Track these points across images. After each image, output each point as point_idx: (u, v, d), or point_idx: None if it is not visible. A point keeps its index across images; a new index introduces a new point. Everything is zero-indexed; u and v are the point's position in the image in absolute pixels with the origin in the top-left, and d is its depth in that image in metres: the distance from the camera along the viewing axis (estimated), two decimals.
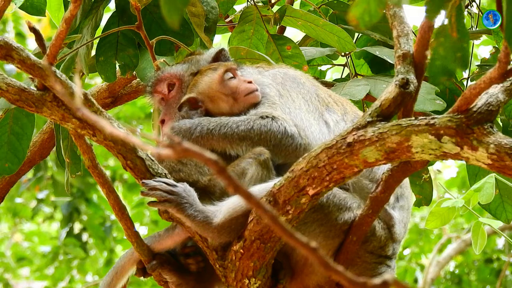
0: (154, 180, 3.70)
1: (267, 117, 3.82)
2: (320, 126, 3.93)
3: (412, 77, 3.41)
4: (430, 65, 2.97)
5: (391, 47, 4.85)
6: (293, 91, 4.03)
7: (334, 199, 3.73)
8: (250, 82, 4.01)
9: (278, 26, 5.13)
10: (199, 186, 3.80)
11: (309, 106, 3.99)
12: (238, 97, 3.98)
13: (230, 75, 4.06)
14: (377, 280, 1.94)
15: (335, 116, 4.00)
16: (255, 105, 3.96)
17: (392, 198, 3.88)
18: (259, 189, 3.61)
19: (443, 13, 2.78)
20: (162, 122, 4.15)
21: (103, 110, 3.69)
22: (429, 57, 3.00)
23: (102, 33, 4.68)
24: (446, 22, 2.87)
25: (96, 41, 4.73)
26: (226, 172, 1.91)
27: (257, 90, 3.99)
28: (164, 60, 4.45)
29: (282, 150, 3.78)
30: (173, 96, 4.20)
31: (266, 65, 4.36)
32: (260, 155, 3.74)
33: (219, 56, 4.28)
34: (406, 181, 4.05)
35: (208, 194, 3.79)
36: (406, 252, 12.74)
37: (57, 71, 3.58)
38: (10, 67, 8.80)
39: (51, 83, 3.55)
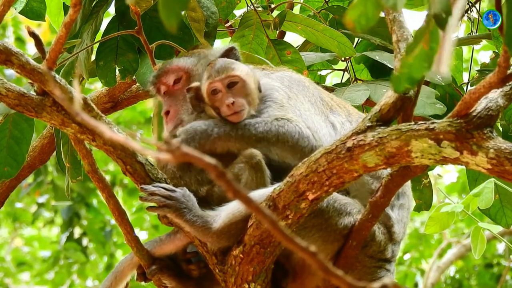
0: (153, 185, 3.70)
1: (282, 119, 3.81)
2: (328, 128, 3.93)
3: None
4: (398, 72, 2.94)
5: (391, 51, 4.85)
6: (300, 94, 4.03)
7: (334, 204, 3.72)
8: (233, 104, 3.83)
9: (278, 31, 5.13)
10: (199, 196, 3.80)
11: (316, 109, 3.99)
12: (222, 114, 3.89)
13: (213, 88, 3.91)
14: (376, 284, 1.94)
15: (340, 118, 4.00)
16: (264, 107, 3.91)
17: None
18: (259, 194, 3.60)
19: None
20: (167, 113, 4.10)
21: (102, 115, 3.69)
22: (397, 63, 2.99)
23: (102, 37, 4.68)
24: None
25: (96, 46, 4.73)
26: (225, 176, 1.91)
27: (240, 110, 3.84)
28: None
29: (298, 151, 3.76)
30: (179, 88, 4.15)
31: (269, 66, 4.35)
32: (252, 159, 3.72)
33: (229, 55, 4.21)
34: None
35: (207, 202, 3.79)
36: (406, 257, 12.74)
37: (57, 76, 3.58)
38: (10, 72, 8.82)
39: (50, 88, 3.55)
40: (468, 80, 5.22)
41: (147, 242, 3.95)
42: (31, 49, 11.37)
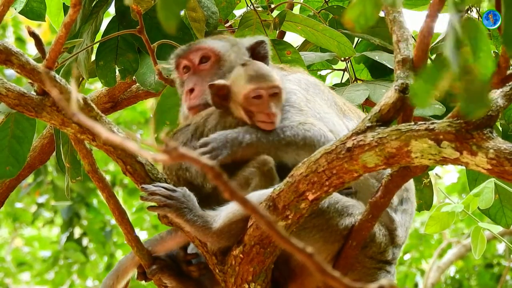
0: (153, 185, 3.70)
1: (306, 123, 3.80)
2: (345, 132, 3.92)
3: (411, 82, 3.41)
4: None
5: (391, 52, 4.85)
6: (317, 97, 4.02)
7: (336, 205, 3.72)
8: (273, 114, 3.82)
9: (277, 31, 5.13)
10: (204, 192, 3.80)
11: (333, 113, 4.00)
12: (254, 119, 3.86)
13: (257, 94, 3.86)
14: (373, 286, 1.94)
15: (352, 123, 3.99)
16: (284, 111, 3.90)
17: (396, 200, 3.88)
18: (259, 195, 3.60)
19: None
20: (191, 91, 4.07)
21: (102, 115, 3.69)
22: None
23: (102, 37, 4.68)
24: None
25: (96, 46, 4.73)
26: (222, 177, 1.91)
27: (274, 122, 3.83)
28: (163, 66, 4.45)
29: None
30: (205, 69, 4.12)
31: (286, 66, 4.33)
32: (264, 165, 3.72)
33: (257, 47, 4.19)
34: (412, 186, 4.05)
35: (212, 199, 3.78)
36: (407, 257, 12.74)
37: (57, 76, 3.58)
38: (10, 72, 8.81)
39: (48, 88, 3.55)
40: None
41: (147, 241, 3.95)
42: (31, 49, 11.38)
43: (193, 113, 4.05)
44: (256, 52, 4.18)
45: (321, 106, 3.97)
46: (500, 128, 4.99)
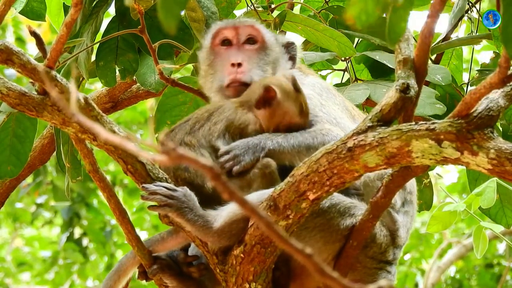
0: (154, 185, 3.70)
1: (323, 128, 3.84)
2: None
3: (412, 82, 3.40)
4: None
5: (392, 52, 4.86)
6: (330, 101, 4.05)
7: (337, 205, 3.73)
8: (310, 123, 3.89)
9: (278, 31, 5.13)
10: (204, 192, 3.80)
11: (346, 117, 4.01)
12: (282, 126, 3.90)
13: (303, 106, 3.92)
14: (372, 286, 1.94)
15: None
16: None
17: (399, 203, 3.89)
18: (259, 195, 3.61)
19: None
20: (239, 65, 4.05)
21: (103, 114, 3.69)
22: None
23: (102, 37, 4.68)
24: None
25: (96, 46, 4.73)
26: (221, 178, 1.90)
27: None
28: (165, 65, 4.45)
29: None
30: (251, 50, 4.12)
31: (304, 66, 4.35)
32: (266, 168, 3.74)
33: (288, 47, 4.24)
34: (414, 188, 4.06)
35: (213, 198, 3.78)
36: (407, 257, 12.75)
37: (58, 75, 3.58)
38: (11, 71, 8.82)
39: (48, 88, 3.55)
40: (468, 80, 5.22)
41: (147, 240, 3.95)
42: (31, 49, 11.38)
43: (235, 88, 4.03)
44: (286, 52, 4.22)
45: (335, 111, 3.99)
46: (501, 129, 5.00)
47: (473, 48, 5.81)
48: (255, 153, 3.77)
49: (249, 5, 5.11)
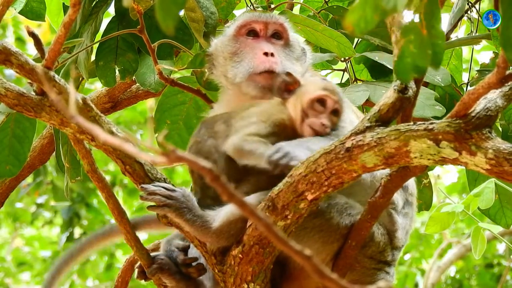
0: (153, 185, 3.71)
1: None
2: None
3: (411, 82, 3.41)
4: (398, 62, 2.97)
5: (391, 52, 4.85)
6: (347, 108, 4.05)
7: (336, 206, 3.72)
8: (325, 125, 3.77)
9: None
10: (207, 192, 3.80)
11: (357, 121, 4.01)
12: (304, 122, 3.79)
13: (324, 100, 3.84)
14: (371, 287, 1.94)
15: None
16: None
17: (400, 204, 3.88)
18: (258, 195, 3.60)
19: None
20: (272, 54, 4.04)
21: (102, 115, 3.69)
22: (395, 54, 3.02)
23: (101, 37, 4.69)
24: (416, 19, 2.88)
25: (95, 46, 4.74)
26: (220, 179, 1.90)
27: (321, 133, 3.78)
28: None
29: None
30: (277, 44, 4.14)
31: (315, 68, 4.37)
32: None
33: (303, 52, 4.27)
34: (414, 190, 4.05)
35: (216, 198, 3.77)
36: (407, 257, 12.74)
37: (56, 76, 3.58)
38: (9, 72, 8.82)
39: (46, 89, 3.55)
40: (468, 80, 5.22)
41: (134, 218, 4.00)
42: (31, 49, 11.39)
43: (267, 77, 4.01)
44: (303, 55, 4.26)
45: (348, 114, 3.97)
46: (500, 129, 4.99)
47: (473, 48, 5.81)
48: (304, 151, 3.64)
49: (249, 5, 5.11)
